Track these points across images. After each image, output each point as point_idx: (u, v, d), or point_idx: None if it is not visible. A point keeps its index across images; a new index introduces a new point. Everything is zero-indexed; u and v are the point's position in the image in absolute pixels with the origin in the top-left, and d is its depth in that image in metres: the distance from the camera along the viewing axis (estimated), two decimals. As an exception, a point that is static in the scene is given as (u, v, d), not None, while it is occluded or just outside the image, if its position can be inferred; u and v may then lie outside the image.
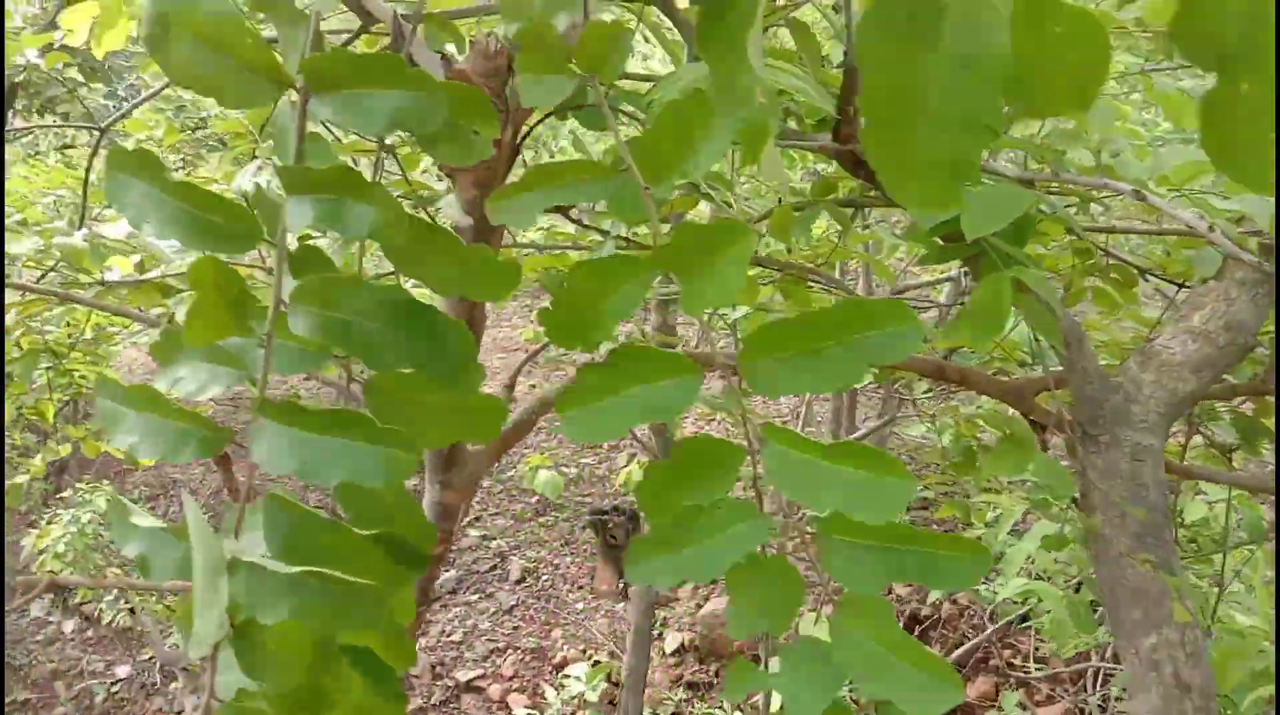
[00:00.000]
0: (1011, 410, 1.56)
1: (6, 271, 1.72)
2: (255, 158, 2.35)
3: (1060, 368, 1.49)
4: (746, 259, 0.67)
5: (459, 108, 0.77)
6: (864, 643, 0.84)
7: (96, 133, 2.21)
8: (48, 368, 2.60)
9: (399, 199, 0.80)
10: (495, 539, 8.97)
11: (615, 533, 8.12)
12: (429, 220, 0.83)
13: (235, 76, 0.79)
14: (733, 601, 0.88)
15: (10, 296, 1.76)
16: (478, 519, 9.07)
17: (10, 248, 1.70)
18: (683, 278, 0.74)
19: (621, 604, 8.01)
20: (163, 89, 2.23)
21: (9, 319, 2.14)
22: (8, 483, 3.12)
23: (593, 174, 0.77)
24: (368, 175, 0.81)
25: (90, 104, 8.65)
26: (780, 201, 1.49)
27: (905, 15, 0.46)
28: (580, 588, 8.42)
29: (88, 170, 2.19)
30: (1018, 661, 5.69)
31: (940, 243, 1.31)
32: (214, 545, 0.83)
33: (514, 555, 9.06)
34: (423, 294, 1.11)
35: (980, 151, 0.47)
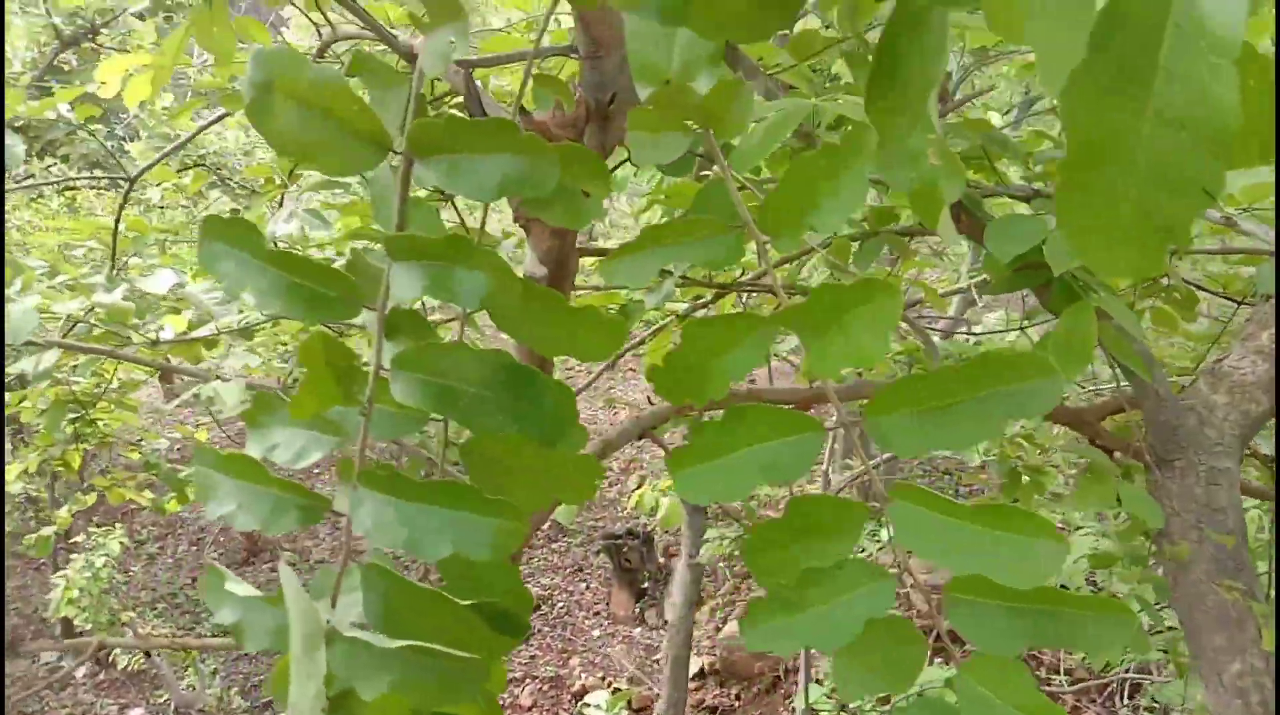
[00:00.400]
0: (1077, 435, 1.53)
1: (50, 329, 1.70)
2: (283, 202, 2.34)
3: (1124, 390, 1.47)
4: (889, 322, 0.65)
5: (571, 170, 0.75)
6: (996, 705, 0.81)
7: (125, 182, 2.19)
8: (74, 418, 2.57)
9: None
10: (509, 567, 8.89)
11: (629, 557, 8.08)
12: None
13: (338, 142, 0.77)
14: (843, 662, 0.85)
15: (54, 355, 1.74)
16: (489, 547, 9.00)
17: (56, 307, 1.68)
18: (809, 338, 0.72)
19: (638, 629, 7.96)
20: (188, 141, 2.22)
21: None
22: (36, 536, 3.09)
23: (709, 231, 0.75)
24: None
25: (90, 145, 8.68)
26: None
27: (1115, 71, 0.44)
28: (596, 614, 8.36)
29: (117, 221, 2.17)
30: (1041, 674, 5.65)
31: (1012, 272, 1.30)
32: (312, 616, 0.81)
33: (527, 582, 9.00)
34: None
35: (1193, 215, 0.45)
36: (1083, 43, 0.43)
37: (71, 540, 6.37)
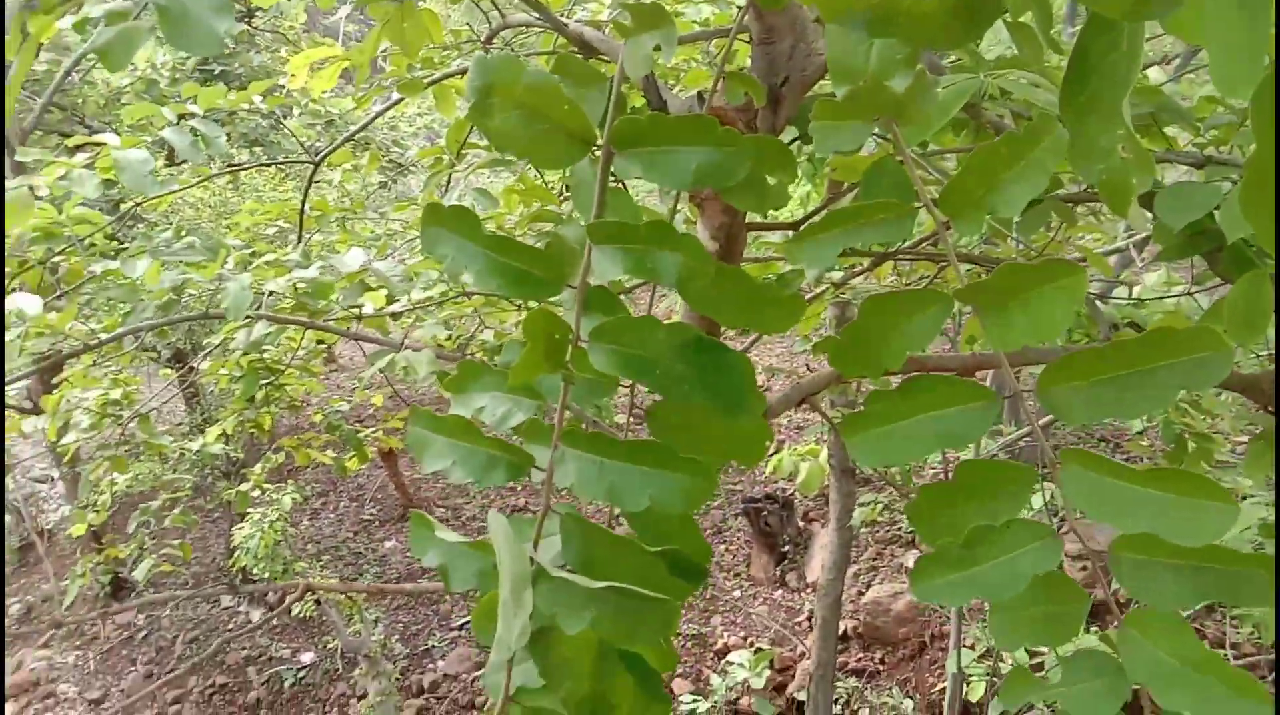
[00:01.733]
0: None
1: (262, 305, 1.89)
2: (450, 180, 2.48)
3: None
4: (1074, 300, 0.69)
5: (761, 160, 0.81)
6: (1160, 657, 0.84)
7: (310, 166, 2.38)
8: (266, 383, 2.81)
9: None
10: (650, 528, 9.07)
11: (769, 521, 8.14)
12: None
13: (549, 138, 0.86)
14: (1004, 616, 0.90)
15: (263, 326, 1.94)
16: (629, 509, 9.23)
17: (267, 285, 1.87)
18: (989, 313, 0.77)
19: (779, 591, 8.03)
20: (364, 127, 2.39)
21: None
22: (235, 490, 3.39)
23: (890, 213, 0.80)
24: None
25: (249, 124, 9.22)
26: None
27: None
28: (736, 575, 8.47)
29: (304, 202, 2.36)
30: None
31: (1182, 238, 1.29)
32: (522, 559, 0.90)
33: (667, 544, 9.11)
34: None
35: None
36: (1262, 47, 0.47)
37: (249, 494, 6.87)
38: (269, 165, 5.61)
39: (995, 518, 0.88)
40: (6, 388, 1.81)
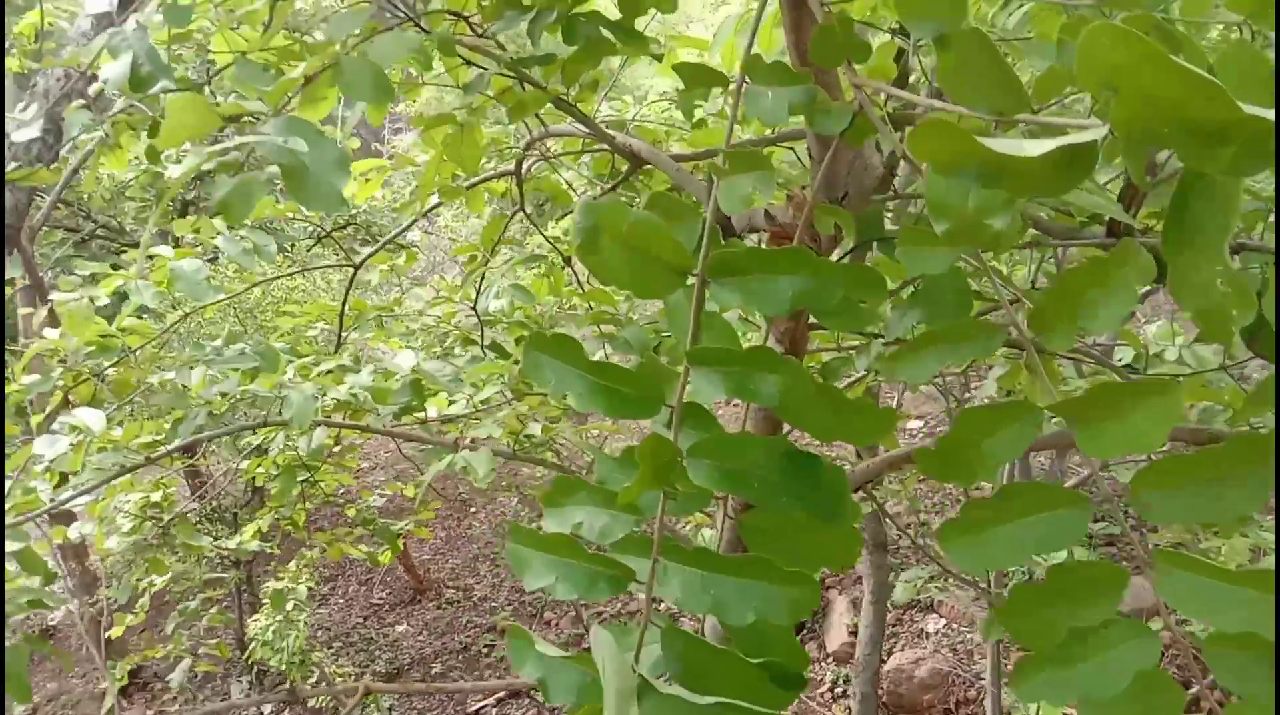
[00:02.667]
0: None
1: (320, 411, 1.94)
2: (484, 278, 2.55)
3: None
4: (1171, 418, 0.73)
5: (853, 285, 0.87)
6: (1261, 750, 0.87)
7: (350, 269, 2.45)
8: (302, 480, 2.84)
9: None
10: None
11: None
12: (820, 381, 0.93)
13: (650, 271, 0.92)
14: (1098, 711, 0.92)
15: (323, 432, 1.99)
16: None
17: (330, 393, 1.92)
18: (1081, 424, 0.81)
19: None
20: (408, 228, 2.47)
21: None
22: (272, 589, 3.39)
23: (980, 332, 0.85)
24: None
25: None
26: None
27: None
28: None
29: (344, 303, 2.42)
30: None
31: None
32: (626, 674, 0.93)
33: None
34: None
35: None
36: None
37: (261, 585, 6.82)
38: (313, 269, 5.70)
39: (1088, 619, 0.91)
40: (67, 502, 1.85)
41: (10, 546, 1.74)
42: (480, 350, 2.90)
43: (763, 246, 1.57)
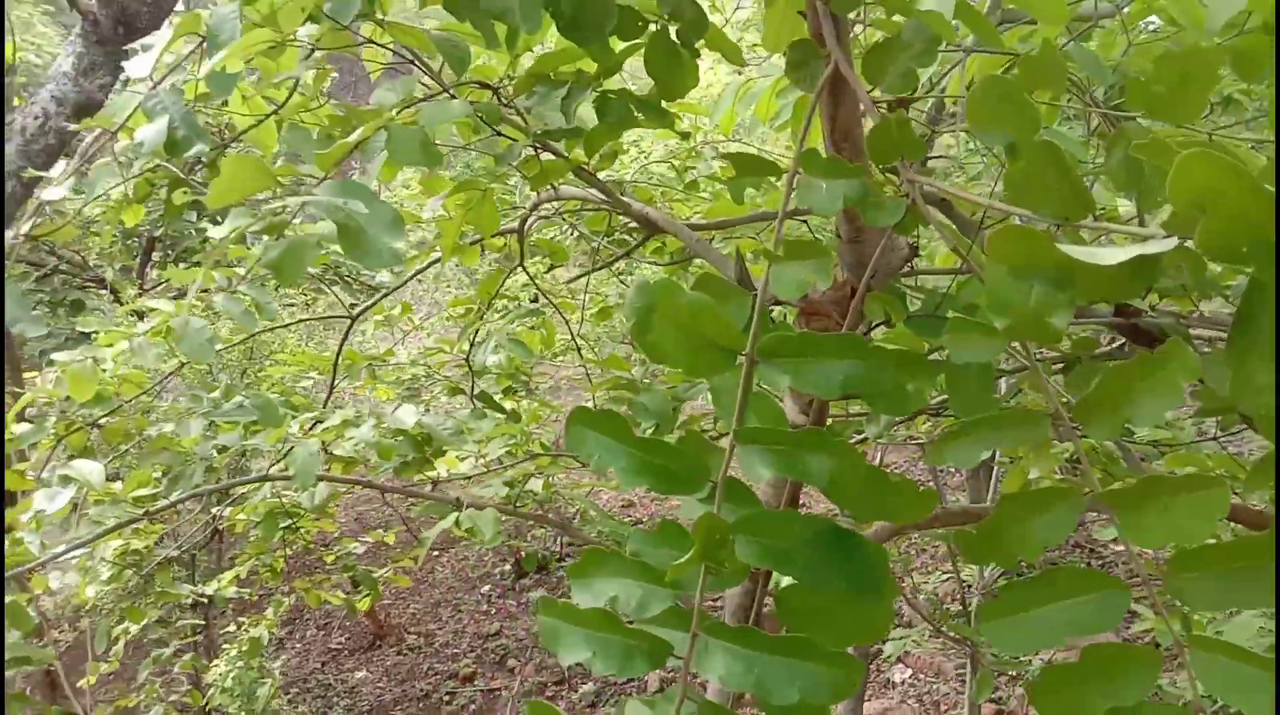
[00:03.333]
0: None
1: (326, 468, 1.93)
2: (479, 331, 2.57)
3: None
4: (1217, 511, 0.76)
5: (902, 369, 0.89)
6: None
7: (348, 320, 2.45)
8: (283, 527, 2.81)
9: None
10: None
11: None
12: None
13: (701, 350, 0.94)
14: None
15: (325, 488, 1.97)
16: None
17: (334, 449, 1.91)
18: (1125, 514, 0.84)
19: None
20: (403, 285, 2.48)
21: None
22: (250, 634, 3.33)
23: (1024, 420, 0.88)
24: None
25: (223, 249, 9.30)
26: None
27: None
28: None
29: (338, 354, 2.42)
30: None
31: None
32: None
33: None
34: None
35: None
36: None
37: (223, 630, 6.66)
38: (307, 321, 5.66)
39: (1121, 700, 0.93)
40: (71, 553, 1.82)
41: (-2, 600, 1.70)
42: (470, 400, 2.90)
43: (786, 316, 1.61)
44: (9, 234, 1.41)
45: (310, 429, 1.94)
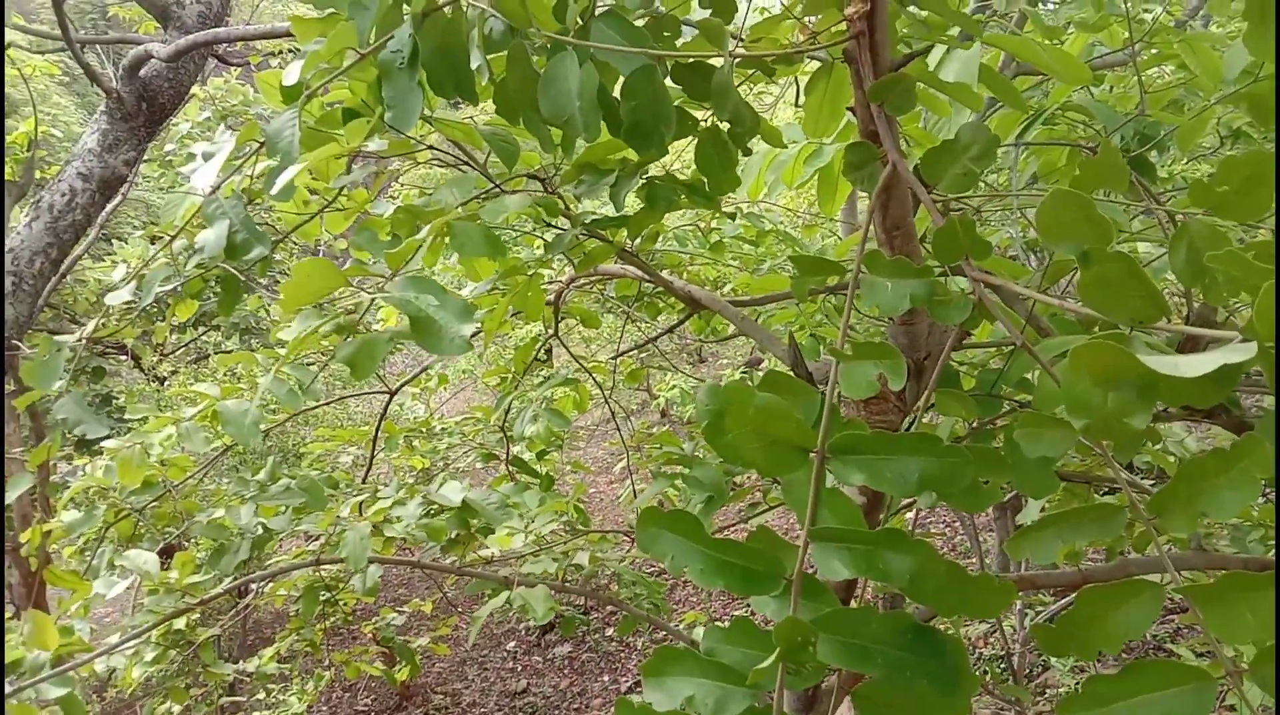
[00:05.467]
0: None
1: (379, 547, 1.94)
2: (511, 397, 2.58)
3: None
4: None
5: (981, 467, 0.91)
6: None
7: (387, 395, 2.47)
8: (323, 600, 2.81)
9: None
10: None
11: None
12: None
13: (772, 450, 0.95)
14: None
15: (376, 570, 1.98)
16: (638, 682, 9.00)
17: (386, 532, 1.92)
18: (1208, 608, 0.84)
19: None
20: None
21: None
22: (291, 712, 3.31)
23: (1101, 515, 0.89)
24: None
25: (242, 313, 9.39)
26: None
27: None
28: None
29: (377, 429, 2.44)
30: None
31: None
32: None
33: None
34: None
35: None
36: None
37: (254, 698, 6.63)
38: (349, 397, 5.71)
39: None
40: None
41: (55, 692, 1.71)
42: (505, 465, 2.91)
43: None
44: (73, 337, 1.45)
45: (360, 510, 1.96)
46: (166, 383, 8.52)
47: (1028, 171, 2.75)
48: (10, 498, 1.75)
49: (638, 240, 1.57)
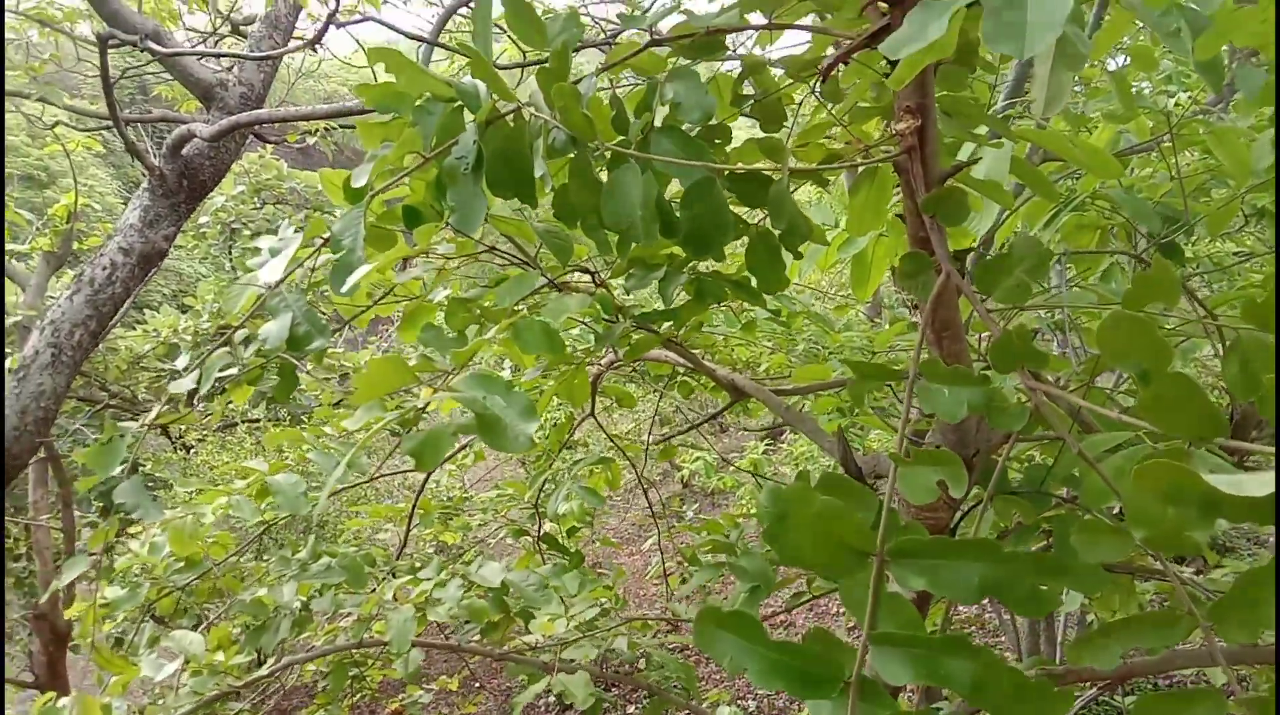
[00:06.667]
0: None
1: (417, 631, 1.96)
2: (547, 476, 2.61)
3: None
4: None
5: (1040, 573, 0.92)
6: None
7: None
8: (352, 677, 2.81)
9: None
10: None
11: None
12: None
13: (833, 553, 0.97)
14: None
15: (419, 654, 2.00)
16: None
17: (430, 616, 1.94)
18: (1269, 718, 0.85)
19: None
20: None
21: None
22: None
23: (1162, 623, 0.90)
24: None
25: (269, 384, 9.49)
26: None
27: None
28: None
29: (413, 507, 2.46)
30: None
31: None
32: None
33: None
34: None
35: None
36: None
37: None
38: (389, 476, 5.76)
39: None
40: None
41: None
42: (535, 542, 2.93)
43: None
44: (137, 423, 1.49)
45: (403, 590, 1.98)
46: (193, 450, 8.58)
47: (1057, 249, 2.78)
48: (67, 580, 1.79)
49: (681, 329, 1.61)
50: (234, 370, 1.57)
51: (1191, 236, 3.46)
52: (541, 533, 2.93)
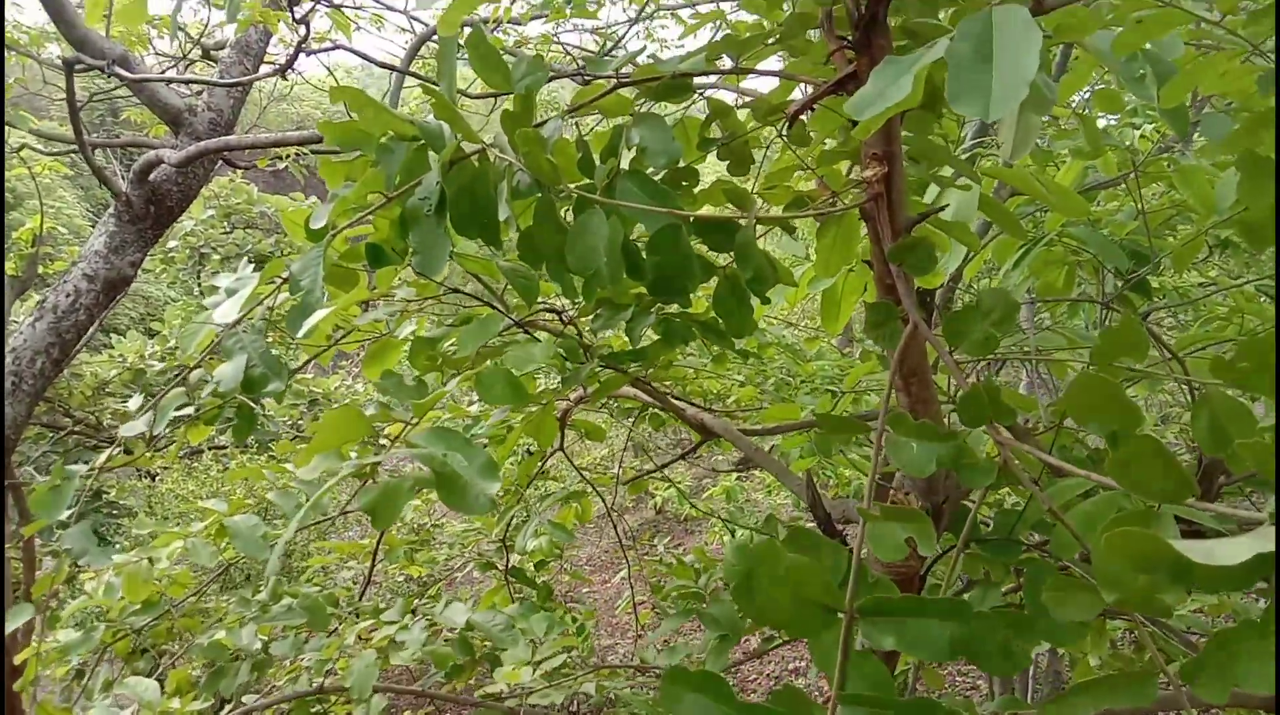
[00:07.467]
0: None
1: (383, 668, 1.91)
2: (515, 513, 2.57)
3: None
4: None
5: (1013, 628, 0.90)
6: None
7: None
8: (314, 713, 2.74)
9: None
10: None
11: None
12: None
13: (802, 610, 0.95)
14: None
15: (381, 699, 1.95)
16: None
17: (392, 660, 1.89)
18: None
19: None
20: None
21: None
22: None
23: (1135, 683, 0.89)
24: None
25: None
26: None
27: None
28: None
29: (377, 545, 2.42)
30: None
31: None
32: None
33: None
34: None
35: None
36: None
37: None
38: (353, 512, 5.68)
39: None
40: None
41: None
42: (505, 576, 2.88)
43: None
44: (84, 467, 1.44)
45: (367, 631, 1.93)
46: (158, 478, 8.44)
47: (1024, 284, 2.80)
48: (11, 627, 1.72)
49: (650, 369, 1.59)
50: (190, 411, 1.53)
51: (1158, 270, 3.49)
52: (510, 567, 2.89)
